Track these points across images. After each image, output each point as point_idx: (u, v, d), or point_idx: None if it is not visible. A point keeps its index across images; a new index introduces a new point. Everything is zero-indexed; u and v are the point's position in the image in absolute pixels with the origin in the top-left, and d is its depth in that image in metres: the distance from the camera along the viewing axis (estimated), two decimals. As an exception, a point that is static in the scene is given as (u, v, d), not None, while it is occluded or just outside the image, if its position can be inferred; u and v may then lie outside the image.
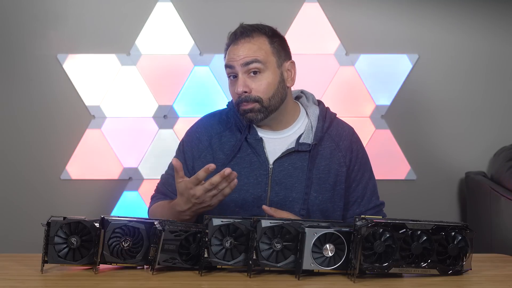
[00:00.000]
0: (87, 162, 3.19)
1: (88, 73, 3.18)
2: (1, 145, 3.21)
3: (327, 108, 2.20)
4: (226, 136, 2.13)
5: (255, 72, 2.05)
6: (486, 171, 3.20)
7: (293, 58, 2.16)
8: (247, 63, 2.04)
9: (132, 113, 3.19)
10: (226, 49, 2.12)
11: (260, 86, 2.05)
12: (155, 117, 3.19)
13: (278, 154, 2.08)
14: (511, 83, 3.23)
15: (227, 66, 2.09)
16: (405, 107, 3.21)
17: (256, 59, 2.05)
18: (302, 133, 2.11)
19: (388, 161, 3.20)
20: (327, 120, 2.14)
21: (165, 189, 2.18)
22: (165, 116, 3.19)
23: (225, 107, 2.22)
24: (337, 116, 2.21)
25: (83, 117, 3.19)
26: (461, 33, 3.21)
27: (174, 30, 3.18)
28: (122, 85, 3.19)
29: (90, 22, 3.18)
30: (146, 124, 3.19)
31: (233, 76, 2.08)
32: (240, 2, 3.17)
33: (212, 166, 1.85)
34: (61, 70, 3.18)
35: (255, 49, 2.06)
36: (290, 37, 3.13)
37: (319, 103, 2.21)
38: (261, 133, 2.12)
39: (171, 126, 3.17)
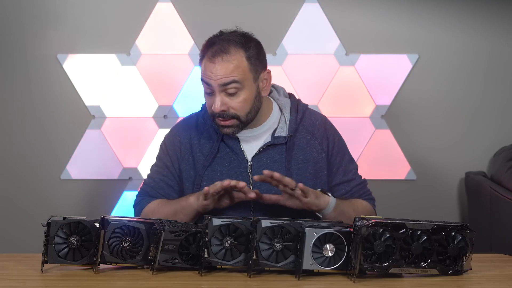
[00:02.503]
0: (87, 162, 3.19)
1: (88, 73, 3.18)
2: (1, 145, 3.21)
3: (299, 100, 2.20)
4: (204, 138, 2.12)
5: (231, 93, 2.02)
6: (486, 171, 3.19)
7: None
8: (225, 84, 1.99)
9: (132, 113, 3.19)
10: (202, 56, 2.05)
11: (238, 104, 2.02)
12: (155, 117, 3.19)
13: (255, 150, 2.09)
14: (511, 83, 3.23)
15: (203, 80, 2.03)
16: (405, 107, 3.21)
17: (233, 80, 1.99)
18: (277, 127, 2.12)
19: (388, 161, 3.20)
20: (300, 112, 2.15)
21: (156, 192, 2.14)
22: (165, 116, 3.19)
23: (200, 109, 2.20)
24: (308, 107, 2.21)
25: (83, 117, 3.18)
26: (461, 33, 3.20)
27: (174, 30, 3.18)
28: (122, 85, 3.19)
29: (90, 22, 3.18)
30: (146, 124, 3.19)
31: (209, 92, 2.04)
32: (240, 2, 3.17)
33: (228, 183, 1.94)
34: (61, 70, 3.17)
35: (232, 68, 1.99)
36: (290, 37, 3.14)
37: (290, 96, 2.20)
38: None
39: (171, 126, 3.13)
